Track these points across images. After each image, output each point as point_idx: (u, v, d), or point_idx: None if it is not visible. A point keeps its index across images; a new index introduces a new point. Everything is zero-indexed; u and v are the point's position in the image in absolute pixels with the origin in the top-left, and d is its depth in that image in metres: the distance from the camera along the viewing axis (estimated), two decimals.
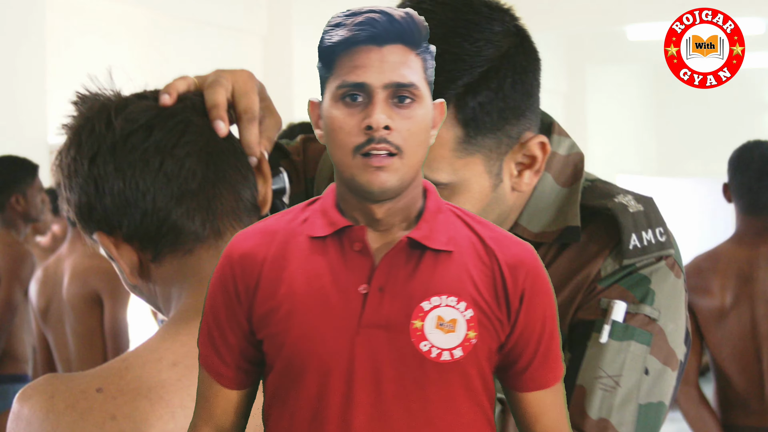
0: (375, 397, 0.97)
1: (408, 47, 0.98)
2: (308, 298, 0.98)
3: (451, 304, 0.97)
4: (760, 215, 3.34)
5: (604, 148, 12.21)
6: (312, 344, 0.97)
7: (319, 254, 0.99)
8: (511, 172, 1.45)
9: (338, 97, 0.97)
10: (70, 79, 2.20)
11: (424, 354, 0.96)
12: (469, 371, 0.98)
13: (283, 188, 1.46)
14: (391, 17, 0.97)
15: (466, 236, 1.00)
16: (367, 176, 0.96)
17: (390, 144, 0.96)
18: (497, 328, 0.99)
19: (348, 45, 0.97)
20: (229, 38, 7.84)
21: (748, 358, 3.31)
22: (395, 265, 0.98)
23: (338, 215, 0.99)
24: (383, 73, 0.96)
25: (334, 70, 0.98)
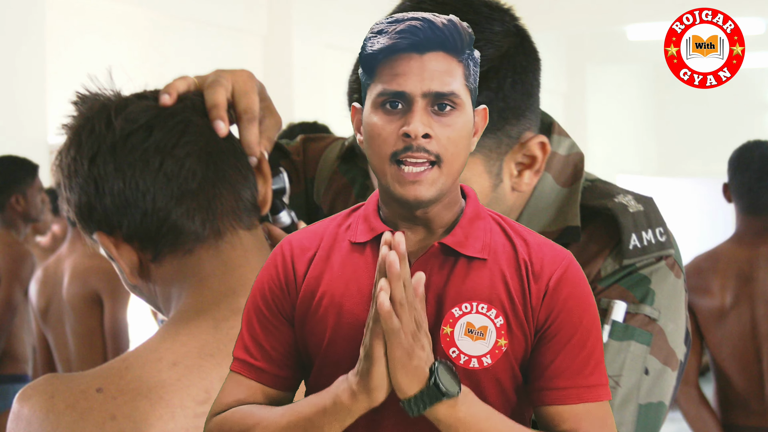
0: None
1: (450, 54, 0.98)
2: (345, 300, 0.99)
3: (482, 311, 0.97)
4: (760, 215, 3.34)
5: (604, 148, 12.21)
6: (347, 345, 0.98)
7: (359, 258, 1.00)
8: (511, 172, 1.45)
9: (378, 105, 0.97)
10: (70, 79, 2.20)
11: (453, 360, 0.96)
12: (501, 377, 0.98)
13: (283, 188, 1.46)
14: (433, 24, 0.97)
15: (502, 244, 1.00)
16: (401, 189, 0.96)
17: (429, 153, 0.96)
18: (528, 336, 0.98)
19: (389, 53, 0.97)
20: (229, 38, 7.84)
21: (748, 358, 3.31)
22: (428, 271, 0.98)
23: (378, 221, 1.01)
24: (423, 81, 0.96)
25: (375, 77, 0.98)
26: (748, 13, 8.94)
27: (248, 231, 1.33)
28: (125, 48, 6.90)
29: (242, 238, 1.32)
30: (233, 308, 1.28)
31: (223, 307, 1.28)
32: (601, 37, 12.09)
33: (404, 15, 0.98)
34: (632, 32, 10.81)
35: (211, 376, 1.23)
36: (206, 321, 1.27)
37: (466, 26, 1.00)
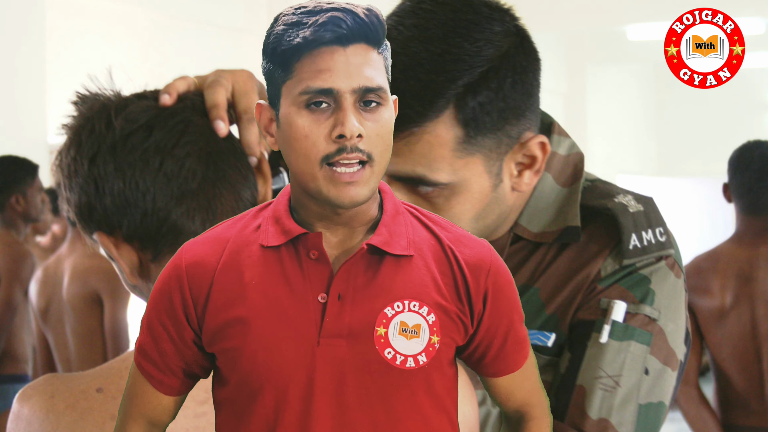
0: (337, 409, 0.94)
1: (371, 46, 0.93)
2: (264, 310, 0.94)
3: (414, 309, 0.95)
4: (760, 215, 3.34)
5: (604, 148, 12.21)
6: (270, 357, 0.94)
7: (274, 263, 0.95)
8: (511, 172, 1.45)
9: (302, 104, 0.92)
10: (70, 79, 2.20)
11: (389, 361, 0.94)
12: (433, 376, 0.96)
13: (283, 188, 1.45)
14: (355, 15, 0.92)
15: (425, 238, 0.98)
16: (336, 191, 0.92)
17: (362, 152, 0.92)
18: (460, 330, 0.97)
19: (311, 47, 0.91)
20: (229, 38, 7.84)
21: (748, 358, 3.31)
22: (354, 273, 0.95)
23: (292, 222, 0.96)
24: (351, 77, 0.91)
25: (293, 73, 0.92)
26: (748, 13, 8.94)
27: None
28: (125, 48, 6.90)
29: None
30: None
31: None
32: (601, 37, 12.09)
33: (319, 4, 0.93)
34: (632, 32, 10.81)
35: (211, 376, 1.23)
36: None
37: (381, 14, 0.95)
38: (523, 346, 1.02)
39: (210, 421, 1.22)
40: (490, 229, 1.47)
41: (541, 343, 1.45)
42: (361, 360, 0.94)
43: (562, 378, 1.43)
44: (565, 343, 1.45)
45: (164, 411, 1.01)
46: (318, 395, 0.94)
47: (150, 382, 1.00)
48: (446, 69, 1.37)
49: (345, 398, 0.94)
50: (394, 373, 0.94)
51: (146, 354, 1.00)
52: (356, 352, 0.94)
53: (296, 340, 0.94)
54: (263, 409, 0.95)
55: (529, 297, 1.47)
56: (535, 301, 1.47)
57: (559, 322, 1.46)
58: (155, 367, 0.99)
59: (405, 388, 0.95)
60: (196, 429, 1.21)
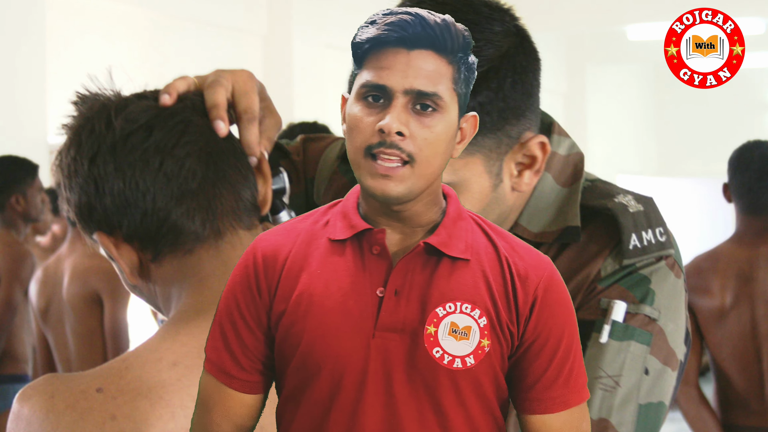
0: (387, 399, 0.96)
1: (439, 54, 0.96)
2: (326, 299, 0.97)
3: (466, 311, 0.96)
4: (760, 215, 3.34)
5: (604, 148, 12.22)
6: (327, 344, 0.97)
7: (339, 256, 0.98)
8: (511, 172, 1.45)
9: (361, 96, 0.96)
10: (70, 79, 2.20)
11: (437, 360, 0.96)
12: (482, 379, 0.97)
13: (283, 188, 1.46)
14: (424, 21, 0.95)
15: (484, 245, 0.99)
16: (372, 181, 0.95)
17: (401, 151, 0.94)
18: (509, 338, 0.98)
19: (376, 44, 0.95)
20: (229, 38, 7.85)
21: (748, 358, 3.31)
22: (411, 270, 0.97)
23: (358, 218, 0.99)
24: (406, 78, 0.94)
25: (363, 67, 0.96)
26: (748, 13, 8.95)
27: (248, 231, 1.33)
28: (125, 48, 6.90)
29: (242, 238, 1.32)
30: None
31: None
32: (601, 37, 12.09)
33: (400, 8, 0.97)
34: (632, 32, 10.81)
35: None
36: (206, 321, 1.26)
37: (463, 29, 0.98)
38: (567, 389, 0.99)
39: None
40: None
41: None
42: (410, 355, 0.96)
43: None
44: None
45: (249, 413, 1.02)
46: (370, 384, 0.96)
47: (230, 385, 1.01)
48: None
49: (394, 389, 0.96)
50: (441, 372, 0.96)
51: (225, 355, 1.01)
52: (407, 348, 0.96)
53: (353, 330, 0.97)
54: (318, 394, 0.97)
55: None
56: None
57: None
58: (237, 366, 1.01)
59: (451, 386, 0.96)
60: None
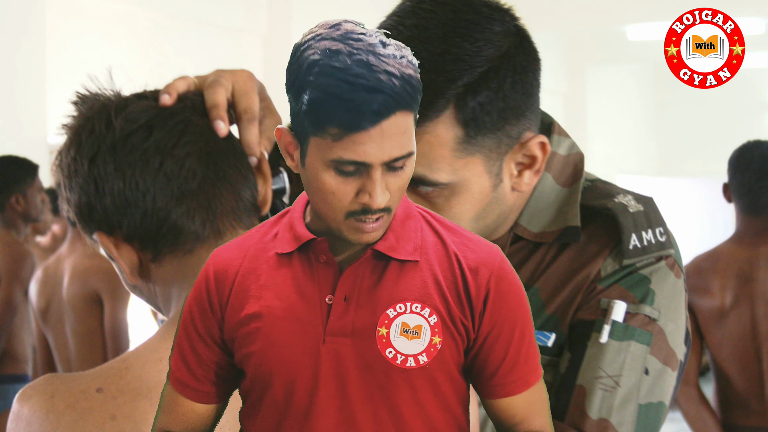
0: (341, 402, 0.97)
1: (406, 111, 0.94)
2: (275, 310, 0.99)
3: (416, 310, 0.98)
4: (760, 215, 3.34)
5: (604, 148, 12.21)
6: (278, 353, 0.98)
7: (286, 268, 1.00)
8: (511, 172, 1.45)
9: (332, 165, 0.94)
10: (70, 79, 2.20)
11: (390, 360, 0.97)
12: (437, 376, 0.98)
13: (283, 188, 1.46)
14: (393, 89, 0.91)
15: (432, 243, 1.00)
16: (356, 236, 0.96)
17: (384, 211, 0.96)
18: (463, 333, 0.99)
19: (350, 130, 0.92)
20: (229, 38, 7.84)
21: (748, 358, 3.31)
22: (360, 275, 0.98)
23: (303, 229, 1.00)
24: (383, 151, 0.93)
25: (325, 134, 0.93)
26: (748, 13, 8.95)
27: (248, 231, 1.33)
28: (125, 48, 6.90)
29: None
30: None
31: None
32: (601, 37, 12.09)
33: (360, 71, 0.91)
34: (632, 32, 10.81)
35: None
36: None
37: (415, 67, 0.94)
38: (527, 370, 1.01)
39: None
40: (490, 229, 1.47)
41: (541, 343, 1.45)
42: (363, 358, 0.97)
43: (562, 378, 1.43)
44: (565, 343, 1.45)
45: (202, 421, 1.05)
46: (322, 389, 0.98)
47: (184, 393, 1.04)
48: (446, 69, 1.37)
49: (348, 393, 0.97)
50: (395, 372, 0.97)
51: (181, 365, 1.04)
52: (359, 351, 0.97)
53: (304, 338, 0.98)
54: (273, 401, 0.99)
55: (529, 297, 1.46)
56: (535, 301, 1.47)
57: (559, 322, 1.46)
58: (191, 376, 1.03)
59: (406, 385, 0.97)
60: None
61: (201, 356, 1.02)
